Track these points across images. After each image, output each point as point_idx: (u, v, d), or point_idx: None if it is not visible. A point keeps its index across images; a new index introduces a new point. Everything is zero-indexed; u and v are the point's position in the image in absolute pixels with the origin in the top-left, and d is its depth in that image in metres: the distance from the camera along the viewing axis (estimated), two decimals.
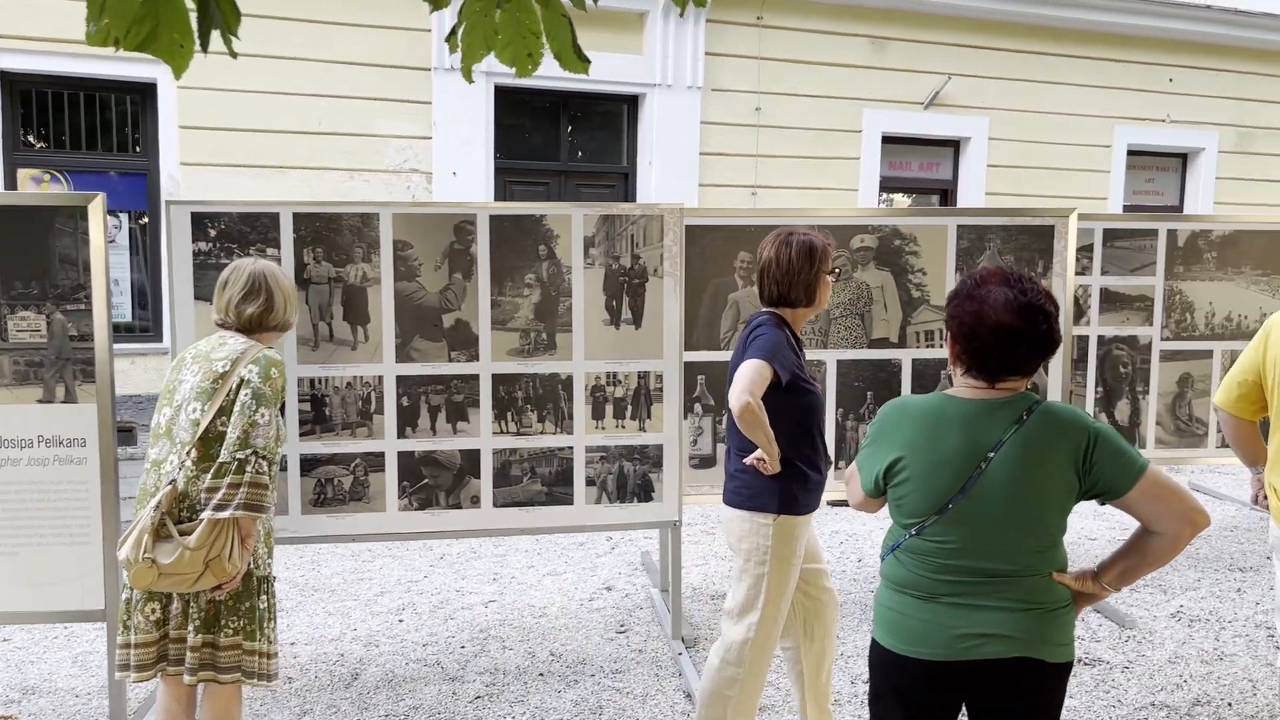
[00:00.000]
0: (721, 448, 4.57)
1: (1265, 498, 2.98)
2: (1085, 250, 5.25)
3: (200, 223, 3.74)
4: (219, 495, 2.56)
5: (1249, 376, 2.97)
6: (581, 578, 4.97)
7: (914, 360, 4.61)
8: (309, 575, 4.99)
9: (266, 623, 2.75)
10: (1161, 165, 11.52)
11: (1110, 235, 5.27)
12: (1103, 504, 2.06)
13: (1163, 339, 5.34)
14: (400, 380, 3.88)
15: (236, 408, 2.59)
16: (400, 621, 4.40)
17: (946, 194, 10.70)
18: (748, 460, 2.87)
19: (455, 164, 8.72)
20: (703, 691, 2.99)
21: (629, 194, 9.53)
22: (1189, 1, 10.63)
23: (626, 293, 4.02)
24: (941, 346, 4.64)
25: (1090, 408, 5.29)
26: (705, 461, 4.56)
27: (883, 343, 4.63)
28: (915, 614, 2.10)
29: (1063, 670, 2.08)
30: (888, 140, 10.21)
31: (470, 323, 3.91)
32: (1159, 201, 11.53)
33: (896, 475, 2.12)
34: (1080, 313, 5.28)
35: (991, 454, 2.02)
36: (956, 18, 10.08)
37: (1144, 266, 5.32)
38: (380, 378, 3.86)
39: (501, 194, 9.06)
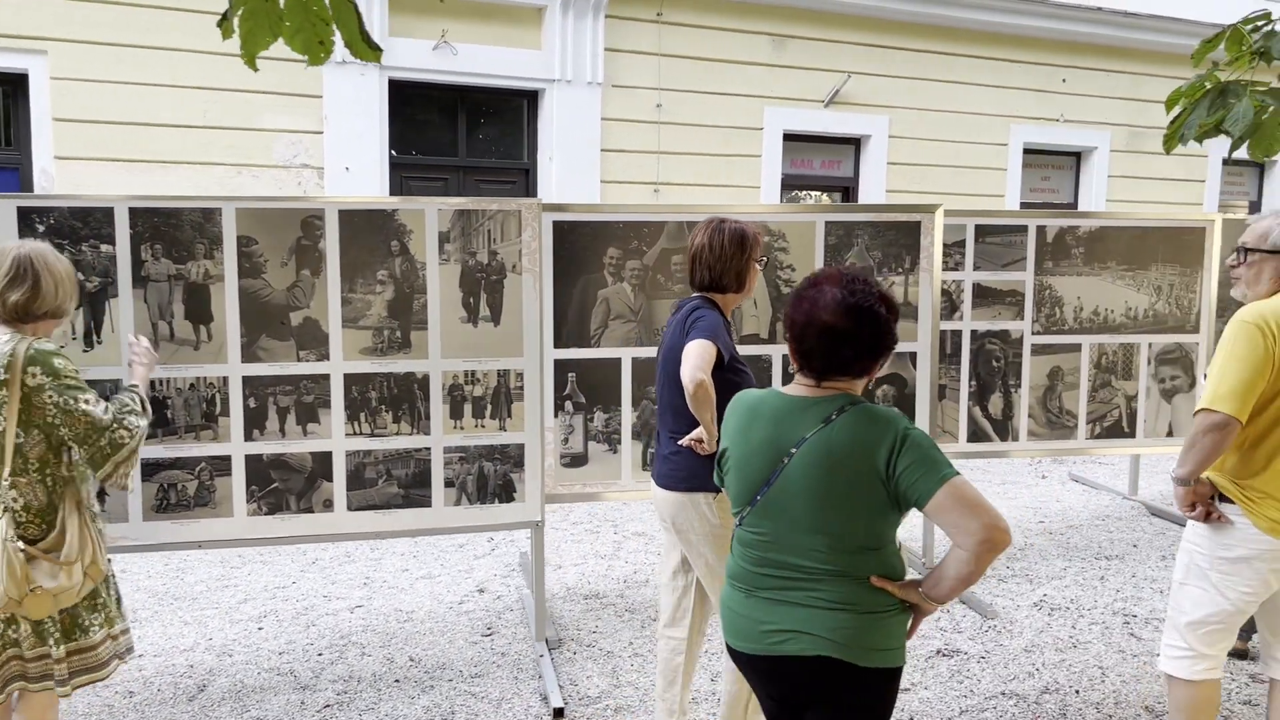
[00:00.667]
0: (594, 445, 4.53)
1: (1208, 509, 2.78)
2: (958, 246, 5.33)
3: (28, 217, 3.56)
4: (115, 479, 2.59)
5: (1259, 382, 2.64)
6: (456, 580, 4.89)
7: (784, 356, 4.62)
8: (170, 584, 4.82)
9: (119, 603, 2.76)
10: (1057, 164, 11.80)
11: (982, 231, 5.35)
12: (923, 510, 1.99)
13: (1033, 333, 5.44)
14: (247, 381, 3.75)
15: (58, 419, 2.47)
16: (259, 630, 4.27)
17: (848, 191, 10.82)
18: (683, 441, 2.89)
19: (348, 159, 8.53)
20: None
21: (530, 190, 9.44)
22: (1081, 4, 10.90)
23: (484, 289, 3.95)
24: None
25: (964, 401, 5.37)
26: (577, 460, 4.52)
27: (753, 339, 4.64)
28: (738, 607, 2.13)
29: (878, 676, 2.04)
30: (789, 138, 10.28)
31: (320, 321, 3.80)
32: (1055, 199, 11.81)
33: (725, 464, 2.18)
34: (953, 308, 5.35)
35: (794, 450, 2.03)
36: (856, 17, 10.18)
37: (1015, 262, 5.42)
38: (225, 378, 3.73)
39: (397, 189, 8.89)
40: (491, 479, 4.00)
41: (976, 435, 5.42)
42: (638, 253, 4.51)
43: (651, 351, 4.52)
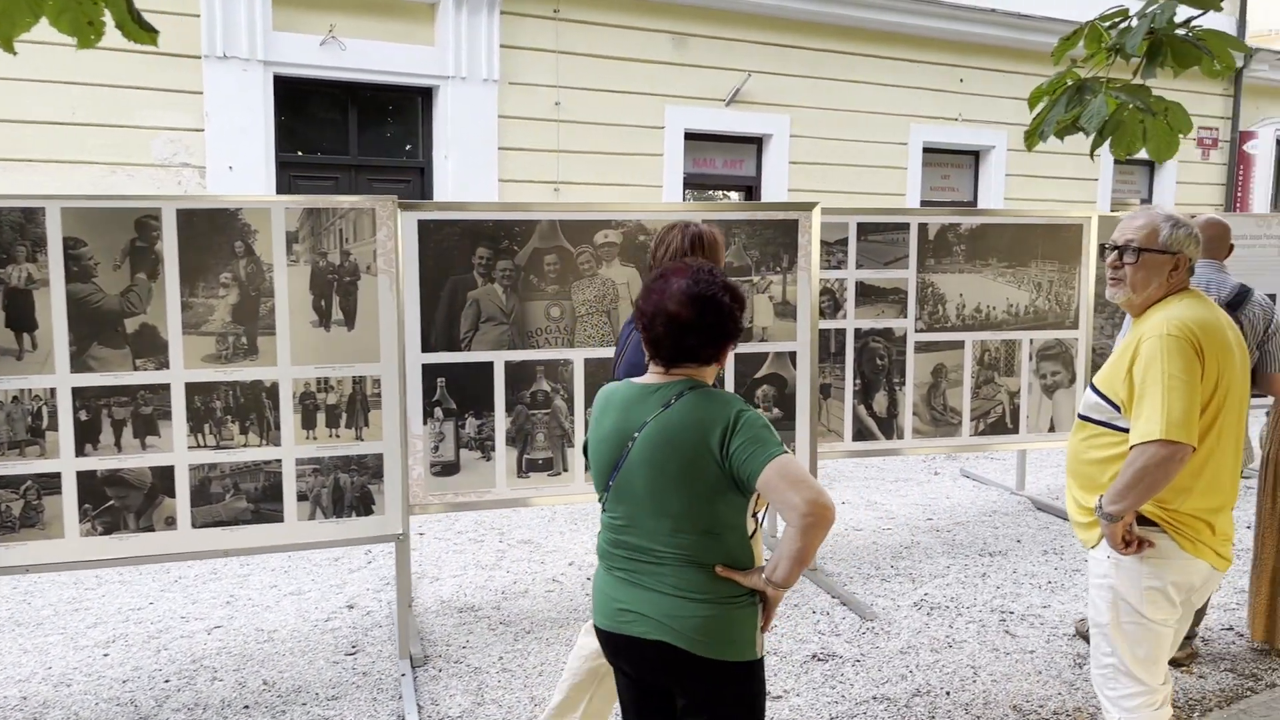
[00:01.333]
0: (466, 453, 4.37)
1: (1135, 539, 2.58)
2: (841, 245, 5.29)
3: None
4: None
5: (1201, 403, 2.48)
6: (326, 596, 4.68)
7: None
8: (16, 609, 4.52)
9: None
10: (956, 163, 11.98)
11: (864, 229, 5.33)
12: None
13: (917, 331, 5.44)
14: (77, 392, 3.50)
15: None
16: (105, 656, 4.01)
17: (751, 190, 10.81)
18: None
19: (231, 158, 8.20)
20: None
21: (425, 189, 9.21)
22: (977, 5, 11.06)
23: (337, 292, 3.76)
24: None
25: (849, 400, 5.34)
26: (448, 468, 4.35)
27: None
28: (601, 585, 2.22)
29: (727, 670, 2.05)
30: (691, 137, 10.23)
31: (158, 327, 3.57)
32: (954, 197, 11.98)
33: (589, 452, 2.24)
34: (837, 306, 5.32)
35: (636, 434, 2.10)
36: (756, 15, 10.17)
37: (897, 260, 5.41)
38: (53, 390, 3.48)
39: (285, 188, 8.59)
40: (348, 491, 3.82)
41: (862, 434, 5.39)
42: (509, 253, 4.37)
43: (528, 355, 4.39)
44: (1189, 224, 2.67)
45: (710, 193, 10.83)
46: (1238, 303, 3.70)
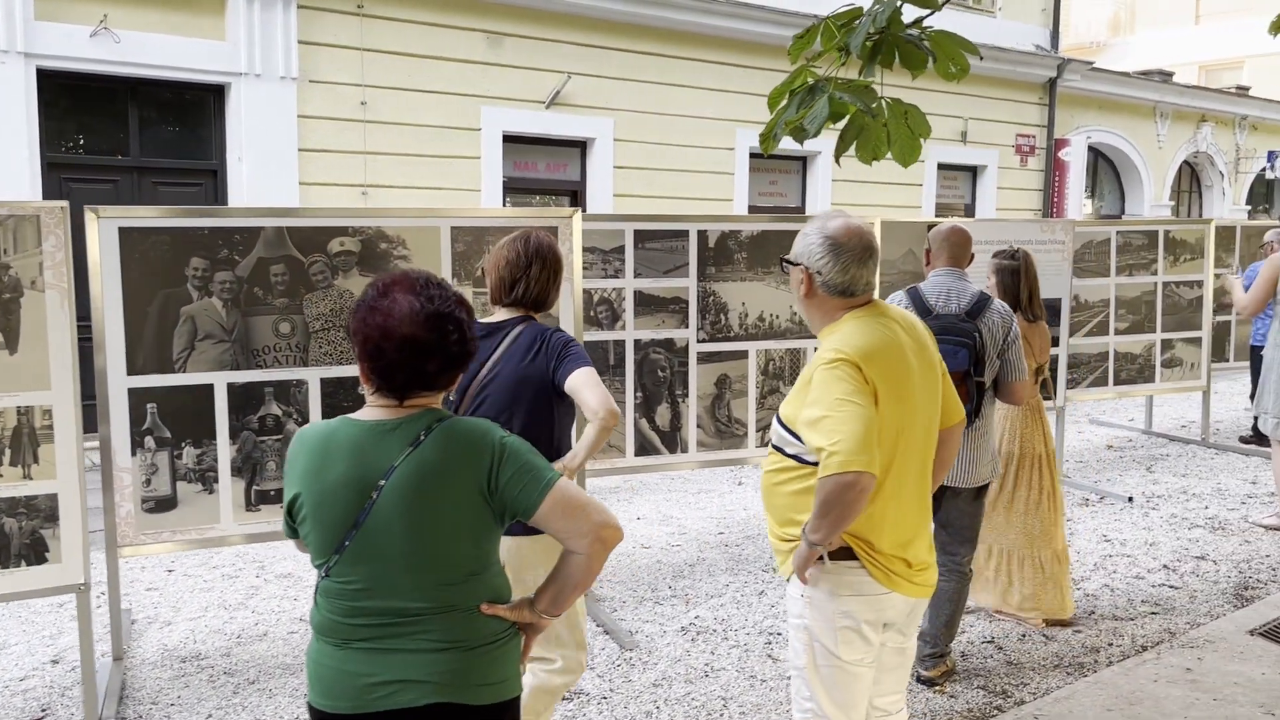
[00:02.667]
0: (185, 485, 3.95)
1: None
2: (618, 252, 5.07)
3: None
4: None
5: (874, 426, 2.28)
6: (33, 649, 4.16)
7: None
8: None
9: None
10: (783, 168, 12.02)
11: (642, 236, 5.12)
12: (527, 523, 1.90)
13: (699, 341, 5.26)
14: None
15: None
16: None
17: (576, 195, 10.57)
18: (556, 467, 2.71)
19: None
20: None
21: (219, 192, 8.61)
22: (800, 10, 11.08)
23: None
24: None
25: (630, 414, 5.12)
26: (164, 504, 3.93)
27: None
28: (330, 663, 1.88)
29: (493, 712, 1.90)
30: (511, 140, 9.91)
31: None
32: (783, 203, 12.03)
33: (299, 513, 1.89)
34: (615, 316, 5.09)
35: (383, 481, 1.82)
36: (575, 16, 9.93)
37: (677, 268, 5.22)
38: None
39: (56, 192, 7.86)
40: (15, 538, 3.35)
41: (644, 448, 5.18)
42: (228, 263, 3.96)
43: (254, 375, 3.99)
44: (830, 233, 2.41)
45: (534, 198, 10.54)
46: (976, 312, 3.62)
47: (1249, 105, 16.66)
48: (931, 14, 3.38)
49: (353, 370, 4.12)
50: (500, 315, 2.94)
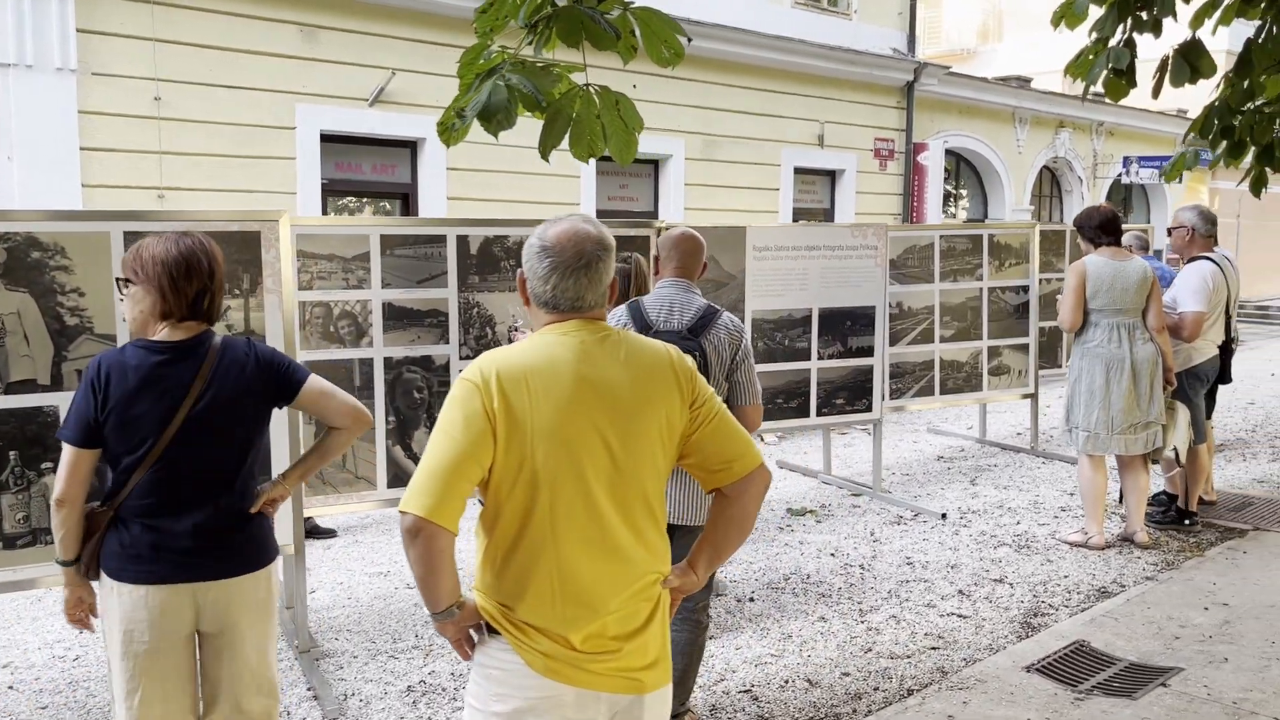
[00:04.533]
0: None
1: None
2: (362, 260, 4.54)
3: None
4: None
5: (468, 468, 1.90)
6: None
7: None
8: None
9: None
10: (634, 171, 11.63)
11: (391, 242, 4.61)
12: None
13: (461, 358, 4.77)
14: None
15: None
16: None
17: (407, 199, 9.99)
18: (262, 503, 2.62)
19: None
20: None
21: None
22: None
23: None
24: None
25: (381, 441, 4.59)
26: None
27: (29, 386, 3.56)
28: None
29: None
30: (330, 139, 9.27)
31: None
32: (634, 208, 11.64)
33: None
34: (361, 332, 4.57)
35: None
36: (399, 10, 9.36)
37: (434, 277, 4.72)
38: None
39: None
40: None
41: (399, 479, 4.65)
42: None
43: None
44: (544, 236, 2.03)
45: (360, 200, 9.92)
46: (701, 327, 3.21)
47: (1105, 111, 16.95)
48: None
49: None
50: (181, 333, 2.50)
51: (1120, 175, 17.23)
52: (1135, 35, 4.43)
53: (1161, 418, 5.26)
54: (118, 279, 2.63)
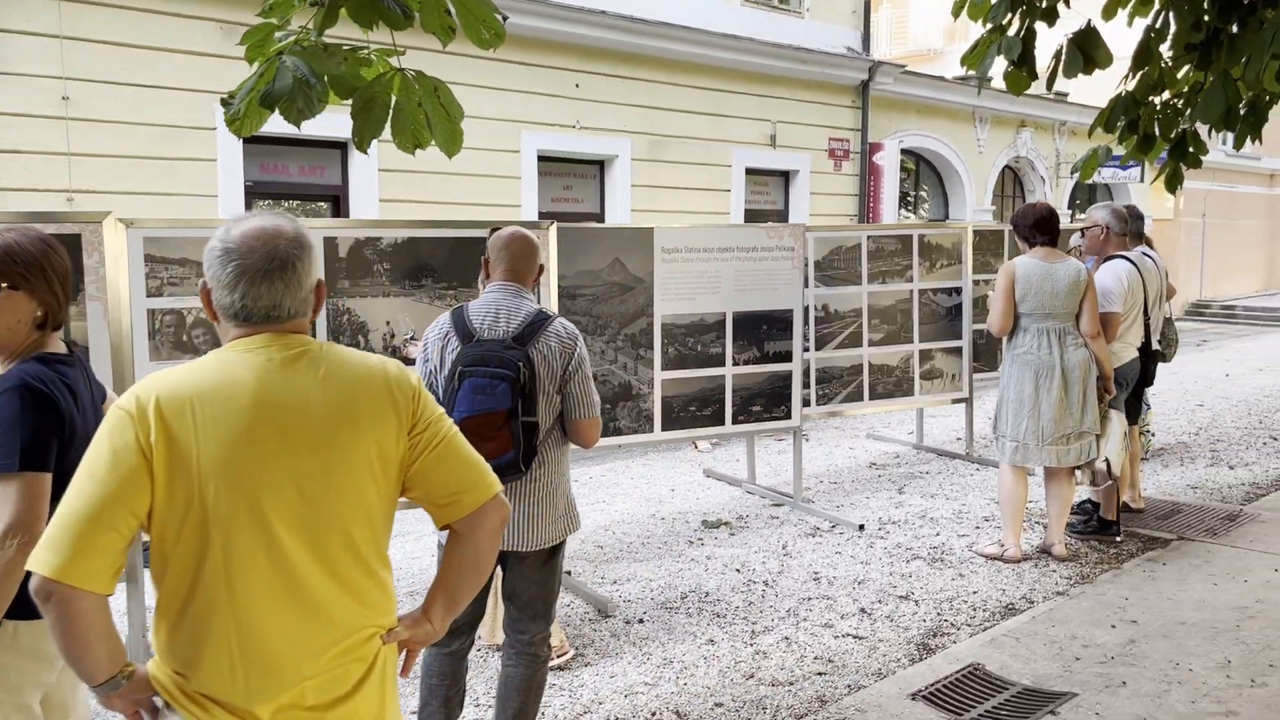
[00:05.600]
0: None
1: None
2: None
3: None
4: None
5: (114, 515, 1.63)
6: None
7: None
8: None
9: None
10: (579, 172, 11.38)
11: None
12: None
13: None
14: None
15: None
16: None
17: (339, 201, 9.72)
18: None
19: None
20: None
21: None
22: (588, 7, 10.48)
23: None
24: None
25: None
26: None
27: None
28: None
29: None
30: (254, 140, 8.92)
31: None
32: (579, 209, 11.38)
33: None
34: (217, 342, 4.29)
35: None
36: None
37: None
38: None
39: None
40: None
41: None
42: None
43: None
44: (228, 236, 1.76)
45: (286, 204, 9.64)
46: (529, 335, 2.95)
47: (1066, 111, 16.79)
48: None
49: None
50: (55, 343, 2.24)
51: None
52: (1038, 26, 4.23)
53: (1095, 428, 5.01)
54: None
